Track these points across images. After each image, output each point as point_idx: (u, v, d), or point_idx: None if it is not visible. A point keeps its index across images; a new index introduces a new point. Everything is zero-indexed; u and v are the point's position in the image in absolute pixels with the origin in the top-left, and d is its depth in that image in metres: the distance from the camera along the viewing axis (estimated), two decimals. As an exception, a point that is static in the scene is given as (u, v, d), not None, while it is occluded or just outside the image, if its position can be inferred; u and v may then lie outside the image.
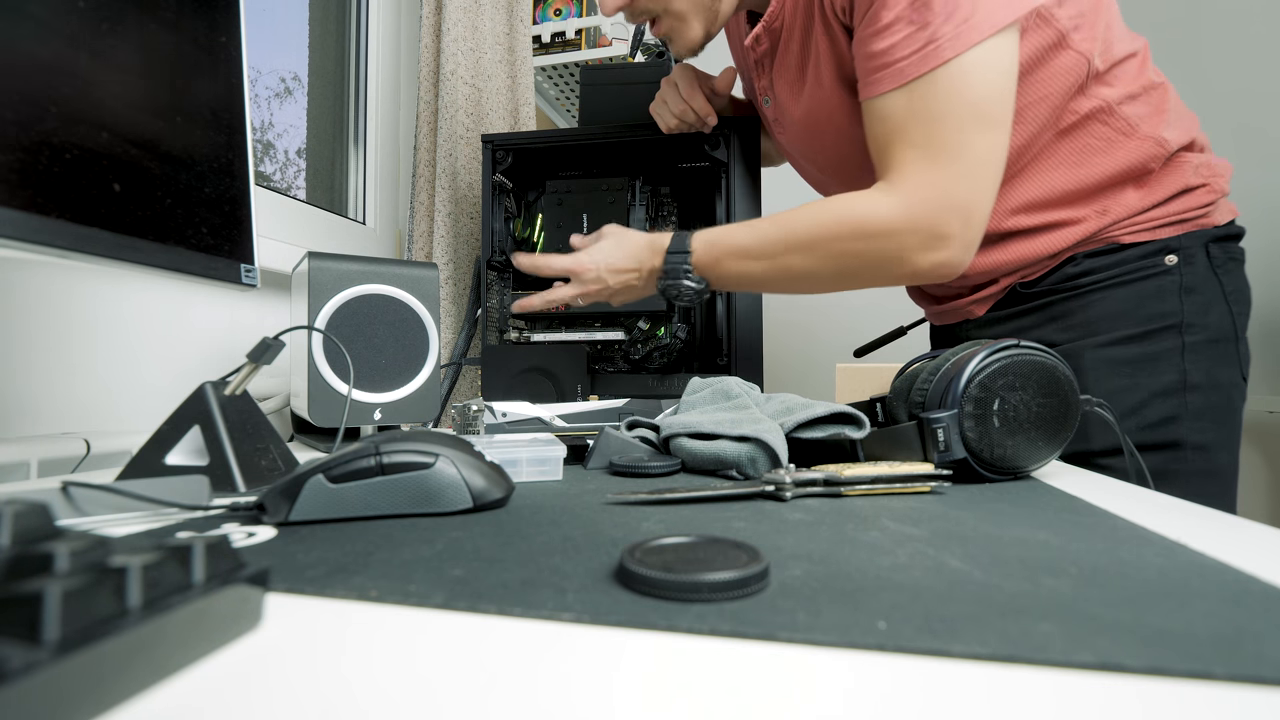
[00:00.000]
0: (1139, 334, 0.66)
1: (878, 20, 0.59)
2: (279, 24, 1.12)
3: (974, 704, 0.16)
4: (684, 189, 0.99)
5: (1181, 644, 0.19)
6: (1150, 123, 0.66)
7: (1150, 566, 0.26)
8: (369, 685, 0.18)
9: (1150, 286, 0.66)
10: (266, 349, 0.49)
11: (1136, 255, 0.67)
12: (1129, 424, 0.64)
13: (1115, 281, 0.67)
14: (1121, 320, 0.67)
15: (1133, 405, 0.65)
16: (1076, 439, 0.63)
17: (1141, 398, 0.65)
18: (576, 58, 1.35)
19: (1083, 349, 0.68)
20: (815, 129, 0.74)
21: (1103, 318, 0.68)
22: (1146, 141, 0.65)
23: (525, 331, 1.00)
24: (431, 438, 0.38)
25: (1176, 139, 0.66)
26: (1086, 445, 0.66)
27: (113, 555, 0.18)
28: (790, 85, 0.74)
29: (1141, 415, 0.65)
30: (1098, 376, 0.67)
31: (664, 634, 0.21)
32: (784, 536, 0.31)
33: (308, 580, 0.25)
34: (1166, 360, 0.65)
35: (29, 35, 0.41)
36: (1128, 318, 0.67)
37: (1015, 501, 0.39)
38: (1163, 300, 0.66)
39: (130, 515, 0.37)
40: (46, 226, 0.41)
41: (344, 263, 0.66)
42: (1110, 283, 0.68)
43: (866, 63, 0.62)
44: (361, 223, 1.21)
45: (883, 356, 0.92)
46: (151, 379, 0.76)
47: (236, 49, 0.59)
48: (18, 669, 0.14)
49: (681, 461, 0.52)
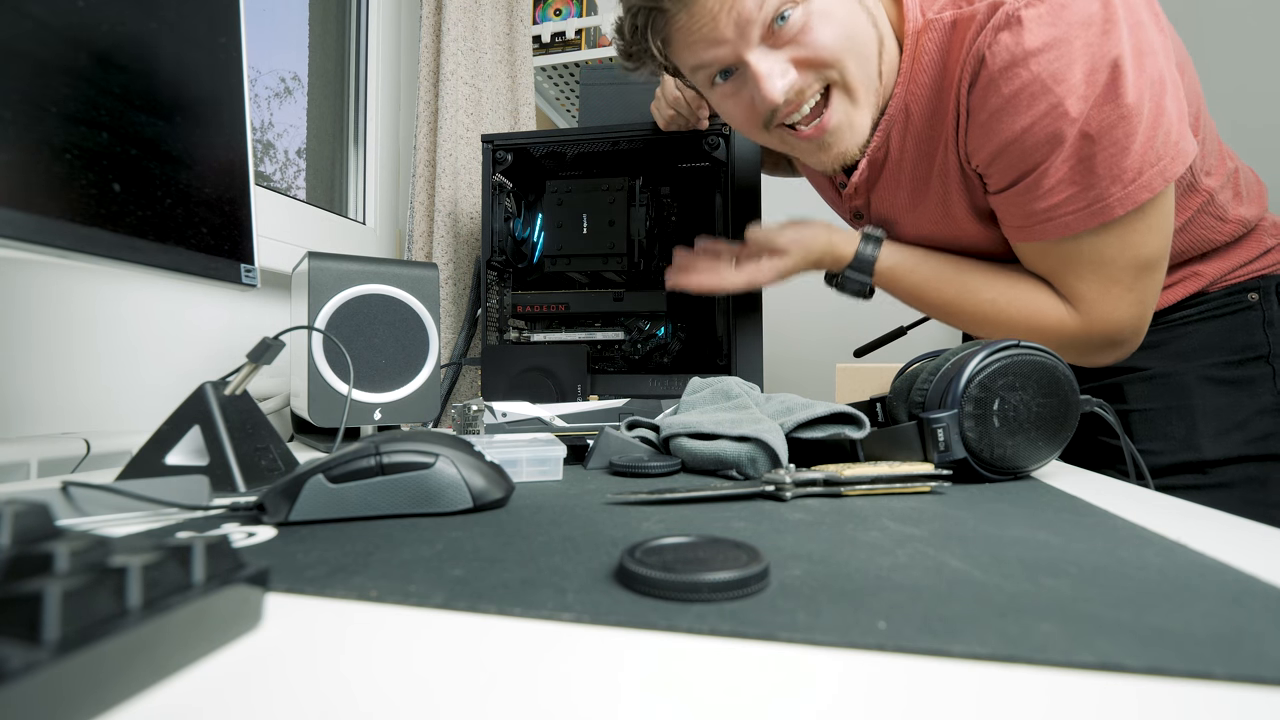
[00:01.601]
0: (1234, 361, 0.71)
1: (1038, 187, 0.60)
2: (279, 24, 1.12)
3: (973, 704, 0.16)
4: (684, 189, 0.99)
5: (1181, 644, 0.19)
6: (1234, 206, 0.70)
7: (1150, 566, 0.26)
8: (369, 685, 0.18)
9: (1237, 321, 0.71)
10: (266, 349, 0.49)
11: (1221, 294, 0.72)
12: (1236, 436, 0.69)
13: (1202, 317, 0.72)
14: (1215, 350, 0.72)
15: (1238, 420, 0.70)
16: (1185, 448, 0.70)
17: (1246, 414, 0.70)
18: (576, 58, 1.35)
19: (1184, 372, 0.72)
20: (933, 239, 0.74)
21: (1196, 349, 0.72)
22: (1235, 224, 0.70)
23: (525, 331, 1.00)
24: (431, 438, 0.38)
25: (1255, 214, 0.71)
26: (1198, 455, 0.70)
27: (113, 555, 0.18)
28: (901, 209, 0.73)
29: (1247, 430, 0.69)
30: (1203, 394, 0.71)
31: (664, 634, 0.21)
32: (784, 536, 0.31)
33: (308, 580, 0.25)
34: (1261, 384, 0.70)
35: (29, 35, 0.41)
36: (1220, 348, 0.71)
37: (1015, 501, 0.39)
38: (1250, 333, 0.71)
39: (130, 515, 0.37)
40: (46, 226, 0.41)
41: (344, 263, 0.66)
42: (1198, 318, 0.72)
43: (1023, 216, 0.62)
44: (361, 223, 1.21)
45: (883, 356, 0.92)
46: (151, 379, 0.76)
47: (236, 49, 0.59)
48: (18, 669, 0.14)
49: (681, 461, 0.52)
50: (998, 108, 0.58)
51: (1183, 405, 0.71)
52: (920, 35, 0.63)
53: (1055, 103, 0.56)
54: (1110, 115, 0.55)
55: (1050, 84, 0.55)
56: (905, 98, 0.65)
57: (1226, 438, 0.69)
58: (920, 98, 0.65)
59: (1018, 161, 0.60)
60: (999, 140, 0.59)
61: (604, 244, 0.94)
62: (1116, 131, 0.55)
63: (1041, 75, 0.55)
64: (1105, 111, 0.55)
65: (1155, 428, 0.73)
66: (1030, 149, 0.58)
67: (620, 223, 0.93)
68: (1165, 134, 0.56)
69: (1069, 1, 0.54)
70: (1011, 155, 0.60)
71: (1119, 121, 0.55)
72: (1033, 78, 0.56)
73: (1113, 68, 0.54)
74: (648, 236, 0.96)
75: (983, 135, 0.60)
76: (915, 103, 0.65)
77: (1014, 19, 0.56)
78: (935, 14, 0.62)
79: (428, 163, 1.12)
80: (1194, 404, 0.71)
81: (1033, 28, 0.55)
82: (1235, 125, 1.50)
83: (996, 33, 0.56)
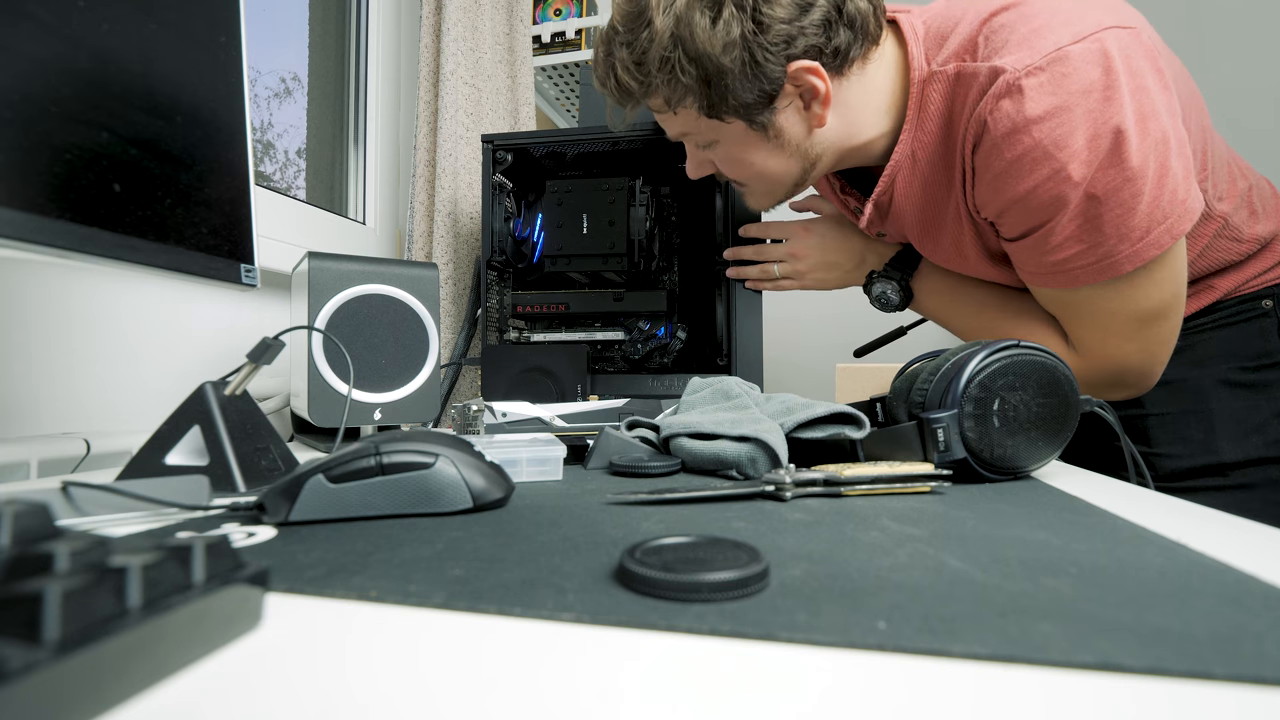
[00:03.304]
0: (1251, 367, 0.71)
1: (1046, 243, 0.60)
2: (279, 24, 1.12)
3: (973, 704, 0.16)
4: (684, 189, 0.99)
5: (1181, 644, 0.19)
6: (1250, 225, 0.71)
7: (1150, 566, 0.26)
8: (369, 685, 0.18)
9: (1252, 328, 0.72)
10: (266, 349, 0.49)
11: (1235, 302, 0.73)
12: (1256, 439, 0.70)
13: (1216, 325, 0.73)
14: (1230, 356, 0.72)
15: (1257, 423, 0.70)
16: (1205, 452, 0.70)
17: (1264, 417, 0.70)
18: (576, 58, 1.35)
19: (1200, 377, 0.73)
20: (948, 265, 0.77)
21: (1211, 355, 0.73)
22: (1251, 243, 0.71)
23: (525, 331, 1.00)
24: (431, 438, 0.38)
25: (1271, 229, 0.72)
26: (1217, 458, 0.70)
27: (113, 555, 0.18)
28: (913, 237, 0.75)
29: (1266, 433, 0.70)
30: (1220, 398, 0.72)
31: (664, 634, 0.21)
32: (784, 536, 0.31)
33: (308, 580, 0.25)
34: (1278, 388, 0.71)
35: (29, 35, 0.41)
36: (1236, 355, 0.72)
37: (1015, 501, 0.39)
38: (1265, 340, 0.71)
39: (130, 515, 0.37)
40: (46, 226, 0.41)
41: (344, 263, 0.66)
42: (1212, 326, 0.73)
43: (1036, 265, 0.63)
44: (361, 223, 1.21)
45: (883, 356, 0.92)
46: (151, 379, 0.76)
47: (236, 49, 0.59)
48: (18, 669, 0.14)
49: (681, 461, 0.52)
50: (1001, 170, 0.59)
51: (1200, 409, 0.72)
52: (925, 85, 0.63)
53: (1058, 168, 0.56)
54: (1115, 178, 0.55)
55: (1052, 150, 0.55)
56: (912, 144, 0.66)
57: (1246, 440, 0.70)
58: (927, 145, 0.65)
59: (1025, 218, 0.60)
60: (1005, 199, 0.60)
61: (604, 244, 0.94)
62: (1123, 193, 0.56)
63: (1043, 142, 0.55)
64: (1110, 175, 0.55)
65: (1173, 431, 0.73)
66: (1035, 209, 0.59)
67: (620, 223, 0.93)
68: (1171, 193, 0.56)
69: (1070, 70, 0.54)
70: (1018, 213, 0.60)
71: (1124, 184, 0.55)
72: (1034, 144, 0.56)
73: (1115, 134, 0.54)
74: (648, 237, 0.96)
75: (990, 193, 0.61)
76: (922, 150, 0.65)
77: (1015, 87, 0.56)
78: (939, 65, 0.62)
79: (428, 163, 1.12)
80: (1211, 408, 0.71)
81: (1034, 96, 0.55)
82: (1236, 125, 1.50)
83: (998, 100, 0.56)
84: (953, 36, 0.62)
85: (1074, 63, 0.54)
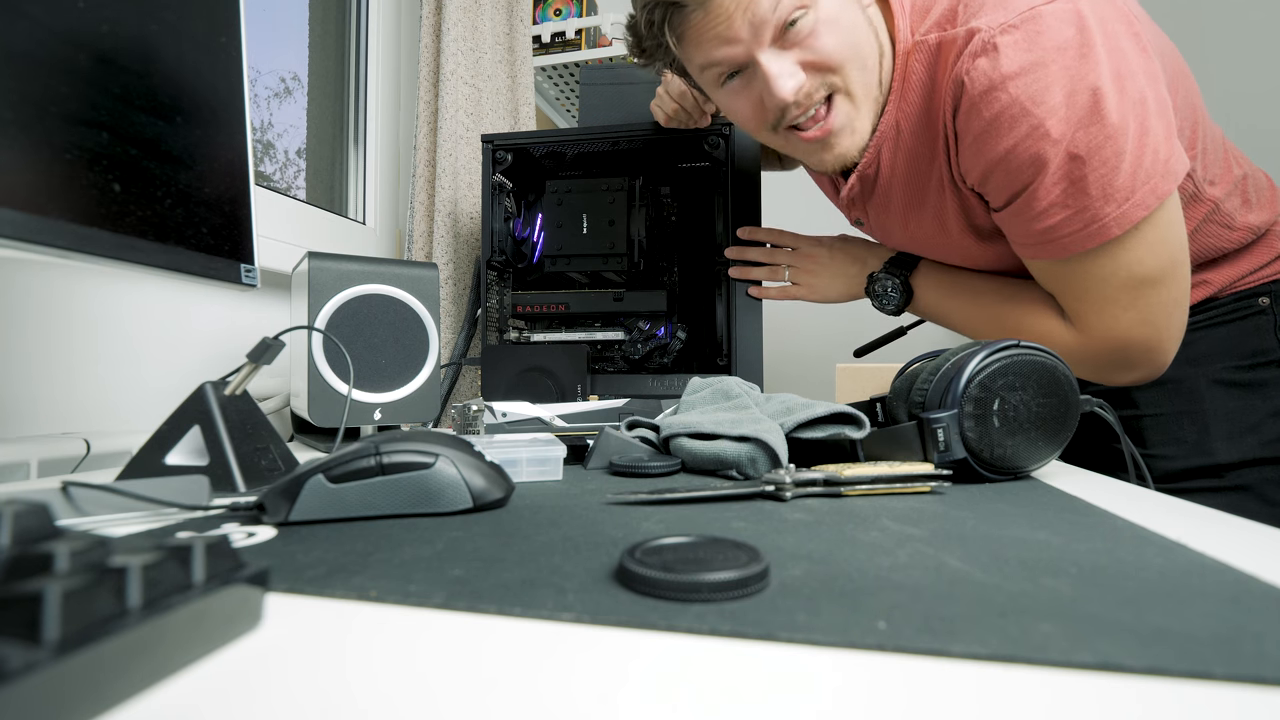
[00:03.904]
0: (1245, 365, 0.71)
1: (1031, 208, 0.60)
2: (279, 24, 1.12)
3: (973, 704, 0.16)
4: (684, 189, 0.99)
5: (1181, 644, 0.19)
6: (1242, 213, 0.70)
7: (1150, 566, 0.26)
8: (369, 685, 0.18)
9: (1248, 326, 0.72)
10: (266, 349, 0.49)
11: (1230, 299, 0.72)
12: (1250, 440, 0.70)
13: (1211, 323, 0.73)
14: (1225, 355, 0.72)
15: (1252, 423, 0.70)
16: (1199, 453, 0.70)
17: (1259, 417, 0.70)
18: (576, 58, 1.35)
19: (1194, 376, 0.72)
20: (928, 250, 0.77)
21: (1205, 354, 0.72)
22: (1243, 232, 0.70)
23: (525, 331, 1.00)
24: (431, 438, 0.38)
25: (1265, 220, 0.71)
26: (1212, 460, 0.70)
27: (113, 555, 0.18)
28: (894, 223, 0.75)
29: (1261, 432, 0.70)
30: (1214, 397, 0.71)
31: (664, 634, 0.21)
32: (784, 536, 0.31)
33: (308, 580, 0.25)
34: (1274, 387, 0.71)
35: (29, 35, 0.41)
36: (1230, 353, 0.72)
37: (1015, 501, 0.39)
38: (1261, 338, 0.71)
39: (130, 515, 0.37)
40: (46, 226, 0.41)
41: (344, 263, 0.66)
42: (1207, 324, 0.73)
43: (1025, 235, 0.63)
44: (361, 223, 1.21)
45: (883, 356, 0.92)
46: (151, 379, 0.76)
47: (236, 49, 0.59)
48: (18, 669, 0.14)
49: (681, 461, 0.52)
50: (980, 131, 0.59)
51: (1194, 409, 0.71)
52: (909, 56, 0.64)
53: (1036, 124, 0.56)
54: (1096, 136, 0.55)
55: (1029, 106, 0.56)
56: (896, 115, 0.66)
57: (1240, 441, 0.69)
58: (910, 116, 0.65)
59: (1007, 181, 0.60)
60: (986, 162, 0.60)
61: (604, 244, 0.94)
62: (1105, 151, 0.55)
63: (1020, 98, 0.56)
64: (1091, 133, 0.55)
65: (1167, 432, 0.73)
66: (1016, 169, 0.59)
67: (620, 223, 0.93)
68: (1154, 152, 0.56)
69: (1044, 28, 0.55)
70: (1000, 176, 0.60)
71: (1105, 141, 0.55)
72: (1011, 100, 0.56)
73: (1093, 91, 0.55)
74: (648, 236, 0.96)
75: (971, 157, 0.61)
76: (906, 121, 0.66)
77: (989, 45, 0.56)
78: (922, 36, 0.63)
79: (428, 163, 1.12)
80: (1205, 408, 0.71)
81: (1008, 53, 0.56)
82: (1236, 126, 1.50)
83: (974, 59, 0.57)
84: (935, 7, 0.63)
85: (1048, 20, 0.55)
